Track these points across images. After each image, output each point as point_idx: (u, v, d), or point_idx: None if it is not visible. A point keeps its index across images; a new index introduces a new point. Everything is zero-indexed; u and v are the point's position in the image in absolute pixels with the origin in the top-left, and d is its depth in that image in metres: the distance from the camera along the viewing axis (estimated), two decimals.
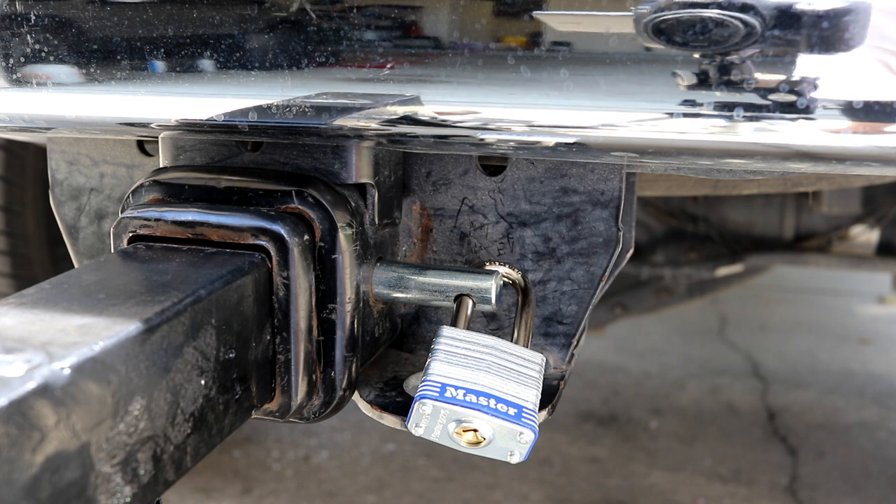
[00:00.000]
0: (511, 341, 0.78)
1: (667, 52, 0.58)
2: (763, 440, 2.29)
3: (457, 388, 0.67)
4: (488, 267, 0.84)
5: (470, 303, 0.76)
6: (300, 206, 0.70)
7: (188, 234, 0.69)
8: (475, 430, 0.66)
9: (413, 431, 0.67)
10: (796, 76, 0.57)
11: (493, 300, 0.76)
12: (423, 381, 0.68)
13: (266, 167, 0.76)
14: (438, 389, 0.66)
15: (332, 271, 0.71)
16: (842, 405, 2.52)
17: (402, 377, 0.81)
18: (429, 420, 0.66)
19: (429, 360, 0.70)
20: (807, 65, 0.57)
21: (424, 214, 0.85)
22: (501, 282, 0.78)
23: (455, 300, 0.77)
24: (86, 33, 0.71)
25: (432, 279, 0.77)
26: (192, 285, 0.60)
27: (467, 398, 0.66)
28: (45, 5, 0.71)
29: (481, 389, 0.67)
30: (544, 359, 0.76)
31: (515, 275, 0.83)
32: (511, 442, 0.66)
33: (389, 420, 0.74)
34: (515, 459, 0.66)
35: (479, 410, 0.65)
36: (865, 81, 0.57)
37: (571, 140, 0.64)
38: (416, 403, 0.66)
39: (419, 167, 0.84)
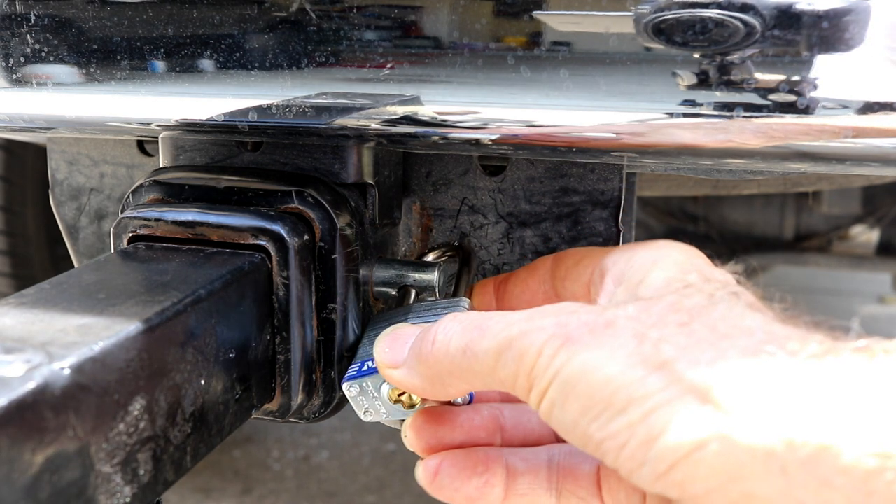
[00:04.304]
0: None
1: (667, 52, 0.58)
2: None
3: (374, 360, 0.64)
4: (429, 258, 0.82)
5: (413, 292, 0.76)
6: (300, 206, 0.70)
7: (188, 234, 0.69)
8: (404, 392, 0.63)
9: (364, 419, 0.64)
10: (796, 76, 0.57)
11: (437, 291, 0.75)
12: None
13: (266, 167, 0.76)
14: (357, 368, 0.65)
15: (332, 271, 0.71)
16: None
17: None
18: (364, 401, 0.64)
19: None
20: (807, 65, 0.57)
21: (424, 214, 0.85)
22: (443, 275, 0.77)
23: (398, 291, 0.76)
24: (86, 33, 0.71)
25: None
26: (192, 285, 0.60)
27: None
28: (45, 5, 0.71)
29: None
30: (469, 301, 0.73)
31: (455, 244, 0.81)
32: None
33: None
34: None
35: None
36: (866, 81, 0.57)
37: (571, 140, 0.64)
38: (343, 391, 0.64)
39: (419, 167, 0.84)
